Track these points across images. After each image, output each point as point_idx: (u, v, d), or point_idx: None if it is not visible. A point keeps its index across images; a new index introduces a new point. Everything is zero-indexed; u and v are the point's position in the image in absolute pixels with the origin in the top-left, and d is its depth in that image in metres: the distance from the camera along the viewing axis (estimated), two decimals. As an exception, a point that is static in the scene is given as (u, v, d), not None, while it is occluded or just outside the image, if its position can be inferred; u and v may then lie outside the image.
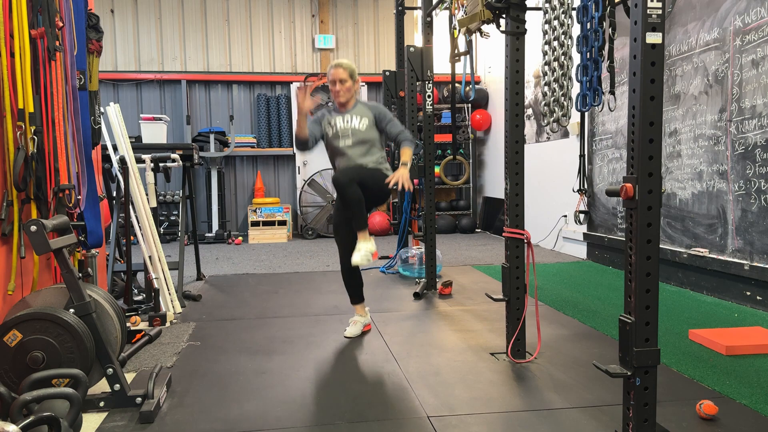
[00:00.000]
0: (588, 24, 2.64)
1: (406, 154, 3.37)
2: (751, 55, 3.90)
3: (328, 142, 3.43)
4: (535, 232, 6.88)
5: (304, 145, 3.39)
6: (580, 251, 6.27)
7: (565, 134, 6.51)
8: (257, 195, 8.65)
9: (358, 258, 3.23)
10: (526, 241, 2.87)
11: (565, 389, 2.58)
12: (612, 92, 2.67)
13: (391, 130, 3.42)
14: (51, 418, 1.85)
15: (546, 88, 2.94)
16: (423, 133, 4.66)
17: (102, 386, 2.47)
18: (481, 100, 9.08)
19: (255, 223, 8.29)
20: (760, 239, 3.87)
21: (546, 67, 2.93)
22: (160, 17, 8.60)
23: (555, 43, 2.89)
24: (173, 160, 4.41)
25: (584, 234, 6.10)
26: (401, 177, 3.23)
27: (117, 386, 2.37)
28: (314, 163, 9.00)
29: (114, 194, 4.43)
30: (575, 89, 2.80)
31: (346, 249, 3.39)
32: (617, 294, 4.46)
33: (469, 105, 8.99)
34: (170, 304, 4.01)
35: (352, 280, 3.54)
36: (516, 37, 2.85)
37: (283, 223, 8.35)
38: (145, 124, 5.59)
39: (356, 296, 3.57)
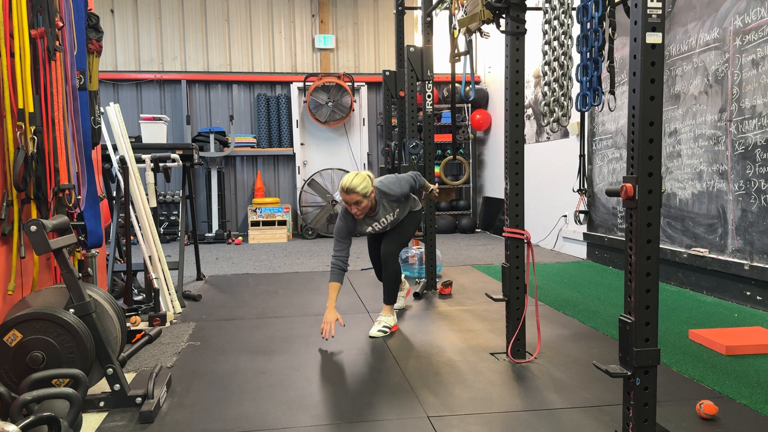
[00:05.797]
0: (588, 24, 2.64)
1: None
2: (751, 55, 3.90)
3: (368, 234, 3.74)
4: (535, 232, 6.88)
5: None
6: (580, 251, 6.27)
7: (565, 134, 6.51)
8: (257, 195, 8.65)
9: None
10: (526, 241, 2.87)
11: (565, 389, 2.58)
12: (612, 92, 2.67)
13: (414, 187, 3.64)
14: (51, 418, 1.85)
15: (546, 88, 2.94)
16: (423, 133, 4.66)
17: (102, 386, 2.47)
18: (481, 100, 9.08)
19: (255, 223, 8.29)
20: (760, 239, 3.87)
21: (546, 67, 2.93)
22: (160, 17, 8.60)
23: (555, 43, 2.89)
24: (173, 160, 4.41)
25: (584, 234, 6.10)
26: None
27: (117, 386, 2.37)
28: (314, 163, 9.01)
29: (114, 194, 4.43)
30: (575, 89, 2.80)
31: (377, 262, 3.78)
32: (617, 294, 4.46)
33: (469, 105, 8.99)
34: (170, 304, 4.01)
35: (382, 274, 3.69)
36: (516, 37, 2.85)
37: (283, 223, 8.35)
38: (145, 124, 5.59)
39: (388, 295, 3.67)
